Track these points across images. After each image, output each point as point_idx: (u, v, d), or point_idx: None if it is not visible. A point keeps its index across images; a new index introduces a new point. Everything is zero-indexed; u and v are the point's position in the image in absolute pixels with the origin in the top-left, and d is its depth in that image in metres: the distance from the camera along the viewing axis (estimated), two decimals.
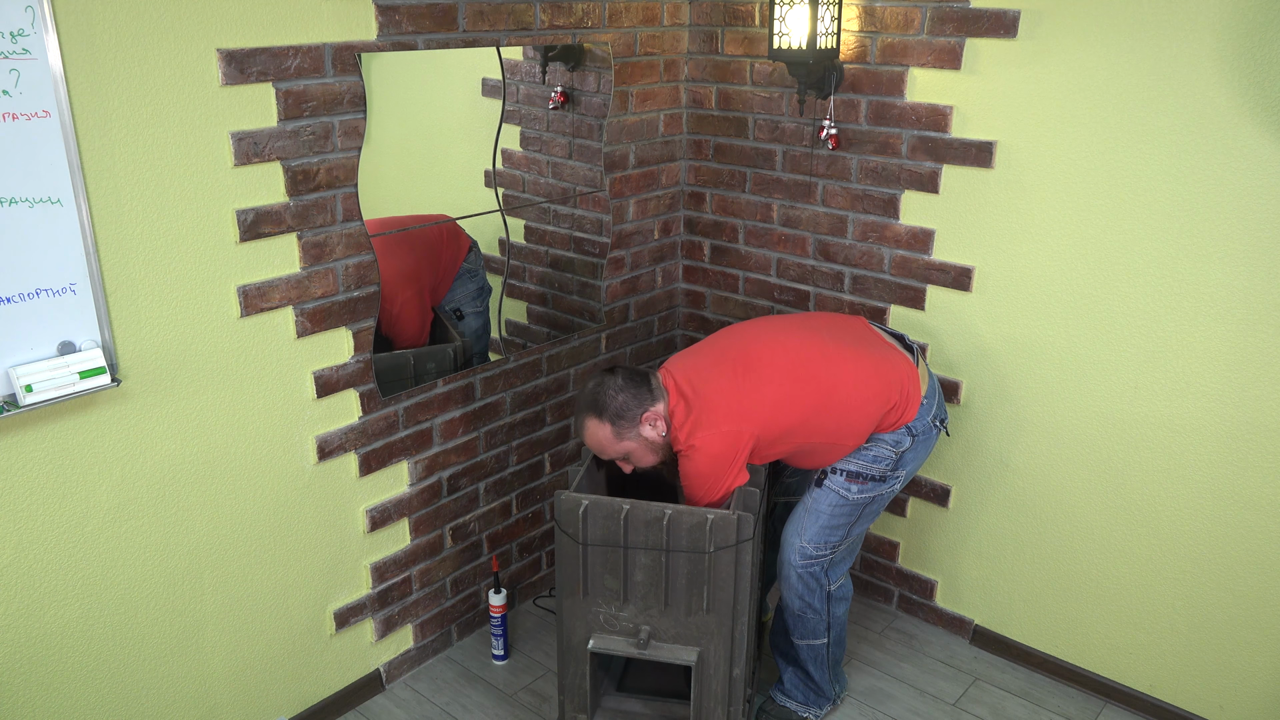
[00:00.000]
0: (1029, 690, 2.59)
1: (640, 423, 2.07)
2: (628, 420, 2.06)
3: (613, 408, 2.06)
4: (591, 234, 2.84)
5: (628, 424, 2.06)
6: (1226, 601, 2.30)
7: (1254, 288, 2.09)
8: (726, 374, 2.10)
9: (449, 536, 2.64)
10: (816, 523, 2.22)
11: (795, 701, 2.45)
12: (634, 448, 2.09)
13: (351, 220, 2.18)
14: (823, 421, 2.11)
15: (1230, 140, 2.04)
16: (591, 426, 2.08)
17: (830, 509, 2.21)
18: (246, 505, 2.16)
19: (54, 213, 1.71)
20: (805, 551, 2.23)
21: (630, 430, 2.07)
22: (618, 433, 2.07)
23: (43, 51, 1.63)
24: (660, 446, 2.11)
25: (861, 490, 2.20)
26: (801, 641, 2.35)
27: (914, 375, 2.20)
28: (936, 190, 2.48)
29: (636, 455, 2.11)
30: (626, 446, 2.09)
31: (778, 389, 2.08)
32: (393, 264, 2.34)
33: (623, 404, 2.06)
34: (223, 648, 2.21)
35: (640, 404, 2.07)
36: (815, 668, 2.39)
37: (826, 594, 2.30)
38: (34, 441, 1.80)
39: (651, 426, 2.08)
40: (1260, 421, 2.15)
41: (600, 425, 2.07)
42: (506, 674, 2.65)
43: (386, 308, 2.36)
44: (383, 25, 2.10)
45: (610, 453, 2.11)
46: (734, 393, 2.07)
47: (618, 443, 2.08)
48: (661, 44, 2.79)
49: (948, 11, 2.33)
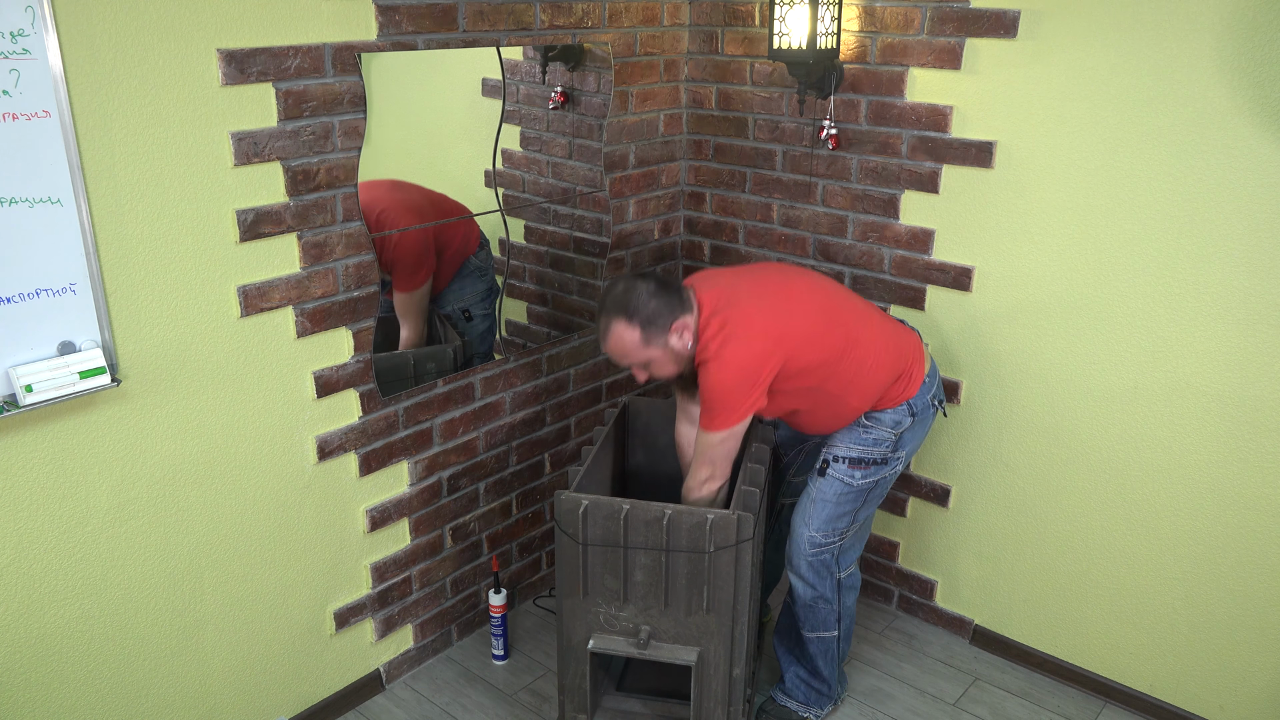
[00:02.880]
0: (1029, 690, 2.59)
1: (669, 331, 2.03)
2: (658, 327, 2.02)
3: (645, 312, 2.01)
4: (591, 234, 2.84)
5: (657, 331, 2.02)
6: (1226, 601, 2.30)
7: (1254, 288, 2.09)
8: (761, 297, 2.09)
9: (449, 536, 2.64)
10: (823, 511, 2.22)
11: (796, 701, 2.44)
12: (658, 356, 2.05)
13: (351, 220, 2.18)
14: (841, 369, 2.11)
15: (1230, 140, 2.04)
16: (619, 329, 2.02)
17: (836, 497, 2.21)
18: (246, 505, 2.16)
19: (54, 213, 1.71)
20: (814, 540, 2.24)
21: (658, 338, 2.03)
22: (646, 338, 2.02)
23: (43, 51, 1.63)
24: (684, 359, 2.08)
25: (865, 475, 2.20)
26: (812, 634, 2.35)
27: (921, 352, 2.24)
28: (936, 190, 2.48)
29: (657, 364, 2.07)
30: (650, 354, 2.05)
31: (809, 323, 2.09)
32: (398, 195, 2.33)
33: (655, 310, 2.02)
34: (223, 648, 2.21)
35: (671, 313, 2.03)
36: (825, 662, 2.39)
37: (837, 582, 2.31)
38: (34, 441, 1.80)
39: (679, 337, 2.04)
40: (1260, 421, 2.15)
41: (629, 329, 2.01)
42: (506, 674, 2.65)
43: (384, 242, 2.30)
44: (383, 25, 2.10)
45: (632, 359, 2.06)
46: (769, 314, 2.06)
47: (643, 349, 2.03)
48: (661, 44, 2.79)
49: (948, 11, 2.33)
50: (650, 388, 3.14)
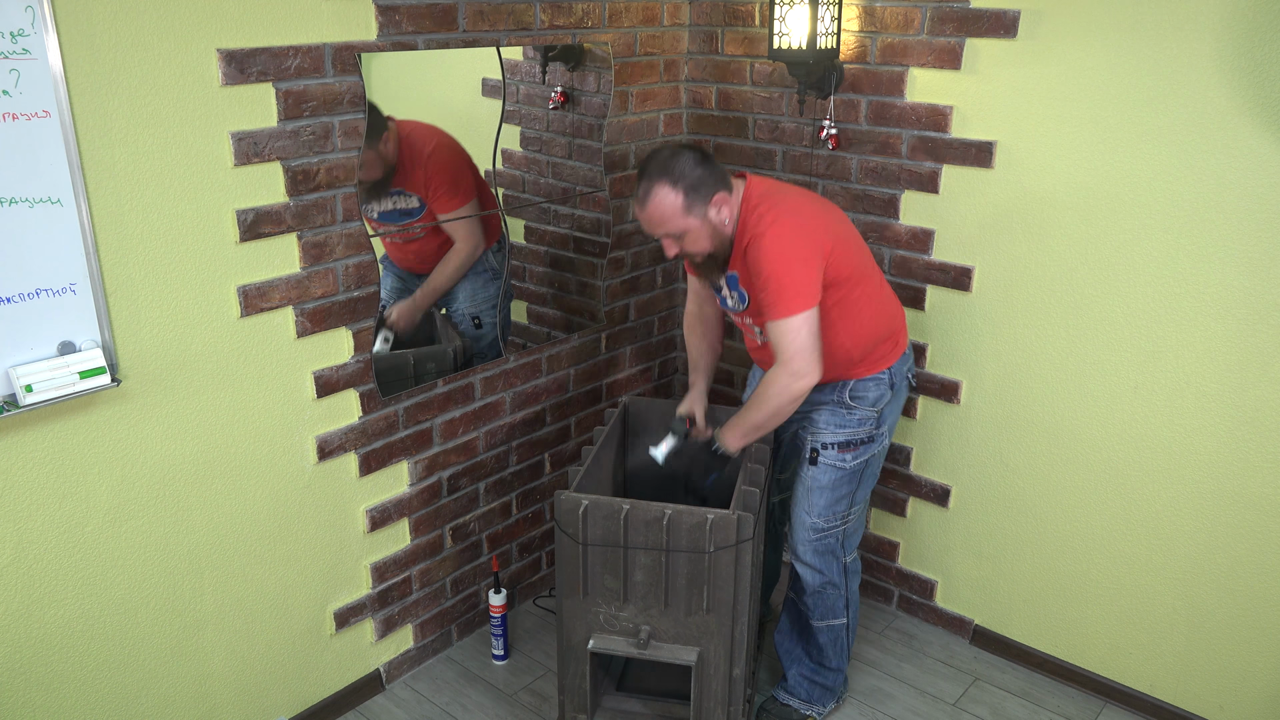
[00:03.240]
0: (1029, 690, 2.59)
1: (710, 203, 2.00)
2: (701, 195, 1.99)
3: (689, 179, 1.97)
4: (591, 234, 2.84)
5: (699, 199, 1.99)
6: (1226, 601, 2.30)
7: (1254, 288, 2.09)
8: (805, 198, 2.13)
9: (449, 536, 2.64)
10: (822, 498, 2.24)
11: (798, 699, 2.44)
12: (695, 226, 2.01)
13: (351, 220, 2.18)
14: (854, 296, 2.11)
15: (1230, 140, 2.04)
16: (661, 192, 1.98)
17: (831, 482, 2.23)
18: (246, 505, 2.16)
19: (54, 213, 1.71)
20: (818, 526, 2.26)
21: (699, 207, 1.99)
22: (688, 205, 1.98)
23: (43, 51, 1.63)
24: (719, 236, 2.05)
25: (855, 456, 2.22)
26: (821, 623, 2.36)
27: (905, 322, 2.30)
28: (936, 190, 2.48)
29: (692, 236, 2.02)
30: (689, 223, 2.01)
31: (845, 231, 2.13)
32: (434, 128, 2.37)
33: (699, 178, 1.98)
34: (223, 648, 2.21)
35: (715, 184, 2.01)
36: (834, 653, 2.40)
37: (843, 566, 2.33)
38: (34, 441, 1.80)
39: (718, 211, 2.02)
40: (1260, 421, 2.15)
41: (673, 193, 1.97)
42: (506, 674, 2.65)
43: (414, 158, 2.32)
44: (383, 25, 2.10)
45: (669, 226, 2.01)
46: (814, 210, 2.09)
47: (683, 216, 1.99)
48: (661, 44, 2.79)
49: (948, 11, 2.33)
50: (650, 387, 3.14)
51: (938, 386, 2.63)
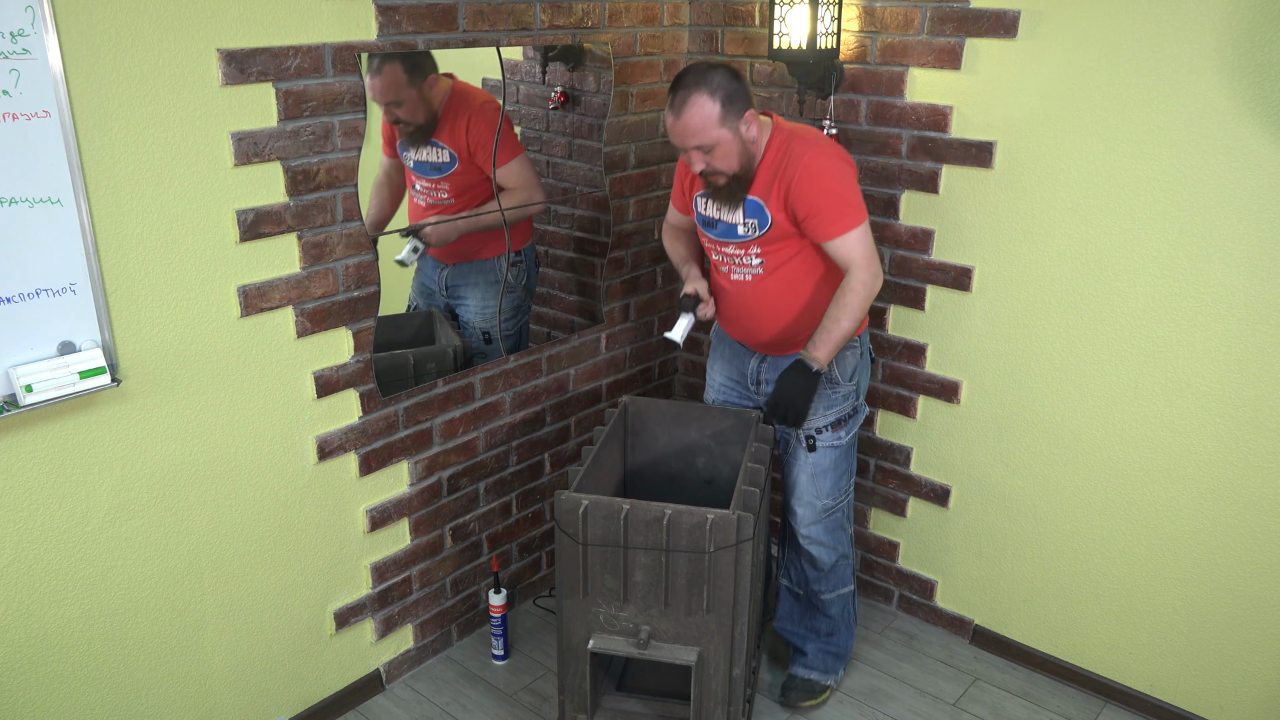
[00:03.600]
0: (1029, 690, 2.59)
1: (742, 118, 2.06)
2: (735, 109, 2.04)
3: (727, 89, 2.03)
4: (591, 234, 2.84)
5: (734, 112, 2.04)
6: (1226, 601, 2.30)
7: (1254, 288, 2.09)
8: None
9: (449, 536, 2.64)
10: (827, 480, 2.34)
11: (818, 671, 2.53)
12: (728, 139, 2.05)
13: (351, 220, 2.18)
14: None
15: (1230, 140, 2.04)
16: (700, 102, 2.02)
17: (833, 462, 2.33)
18: (246, 505, 2.16)
19: (54, 213, 1.71)
20: (828, 506, 2.36)
21: (732, 120, 2.04)
22: (724, 116, 2.03)
23: (43, 51, 1.63)
24: (747, 156, 2.10)
25: (848, 431, 2.33)
26: (833, 594, 2.47)
27: None
28: (936, 190, 2.48)
29: (723, 150, 2.06)
30: (723, 135, 2.05)
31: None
32: None
33: (735, 91, 2.04)
34: (223, 648, 2.21)
35: (747, 101, 2.07)
36: (845, 622, 2.52)
37: (850, 536, 2.47)
38: (34, 441, 1.80)
39: (748, 127, 2.07)
40: (1260, 421, 2.15)
41: (711, 102, 2.02)
42: (506, 674, 2.65)
43: (454, 126, 2.41)
44: (383, 25, 2.10)
45: (704, 137, 2.04)
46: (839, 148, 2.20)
47: (718, 127, 2.03)
48: (661, 44, 2.79)
49: (948, 11, 2.33)
50: (650, 387, 3.14)
51: (938, 386, 2.63)
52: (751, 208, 2.15)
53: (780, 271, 2.20)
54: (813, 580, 2.46)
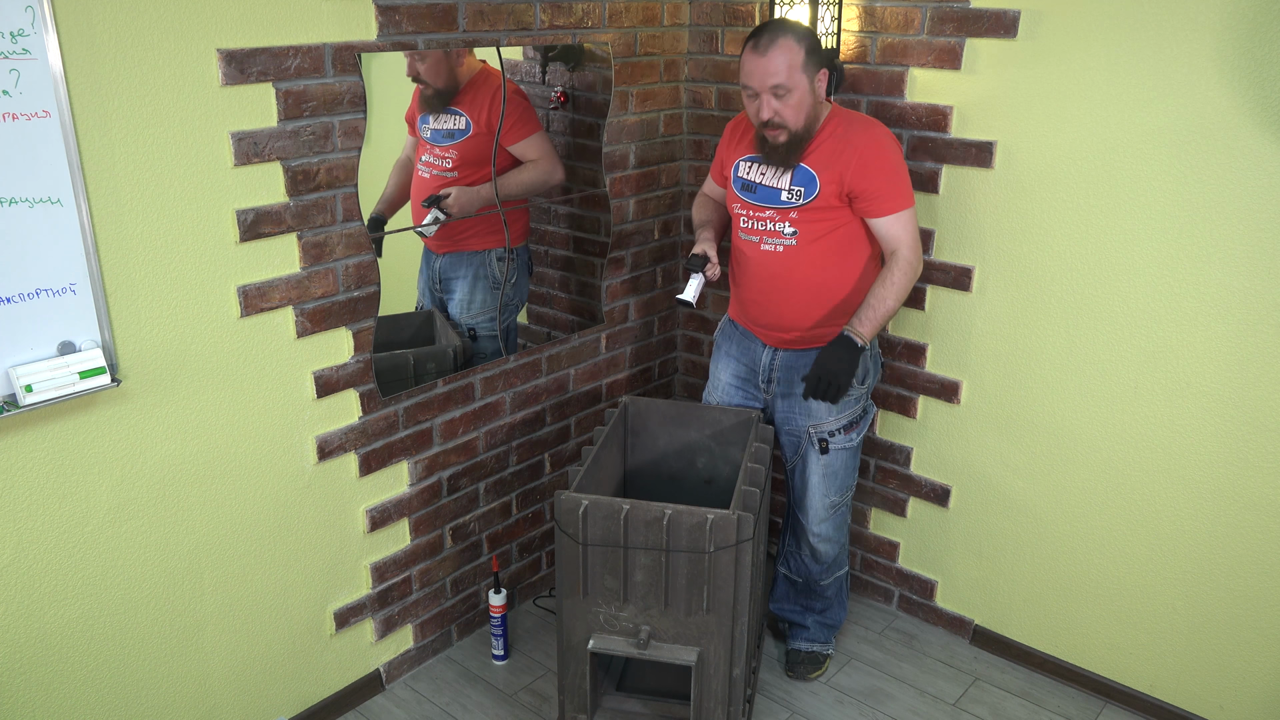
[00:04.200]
0: (1029, 690, 2.59)
1: (819, 73, 2.12)
2: (815, 60, 2.10)
3: (811, 42, 2.10)
4: (591, 234, 2.84)
5: (814, 64, 2.10)
6: (1226, 601, 2.30)
7: (1254, 288, 2.09)
8: None
9: (449, 536, 2.64)
10: (838, 479, 2.41)
11: (819, 643, 2.64)
12: (804, 88, 2.10)
13: (351, 220, 2.18)
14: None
15: (1230, 140, 2.04)
16: (788, 44, 2.06)
17: (844, 464, 2.41)
18: (246, 505, 2.16)
19: (54, 213, 1.71)
20: (837, 504, 2.45)
21: (811, 70, 2.10)
22: (806, 64, 2.08)
23: (43, 51, 1.63)
24: (812, 115, 2.15)
25: (859, 432, 2.41)
26: (831, 578, 2.57)
27: None
28: (936, 190, 2.48)
29: (798, 98, 2.10)
30: (800, 81, 2.09)
31: None
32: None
33: (816, 45, 2.11)
34: (223, 648, 2.21)
35: (822, 60, 2.13)
36: (838, 596, 2.63)
37: (848, 526, 2.58)
38: (34, 441, 1.80)
39: (821, 84, 2.14)
40: (1260, 421, 2.15)
41: (796, 48, 2.07)
42: (506, 674, 2.65)
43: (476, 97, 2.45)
44: (383, 25, 2.10)
45: (783, 78, 2.07)
46: None
47: (799, 71, 2.08)
48: (661, 44, 2.79)
49: (948, 11, 2.33)
50: (650, 387, 3.14)
51: (938, 386, 2.63)
52: (801, 175, 2.20)
53: (812, 247, 2.23)
54: (815, 572, 2.55)
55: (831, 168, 2.16)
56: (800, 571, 2.57)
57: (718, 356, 2.52)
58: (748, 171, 2.28)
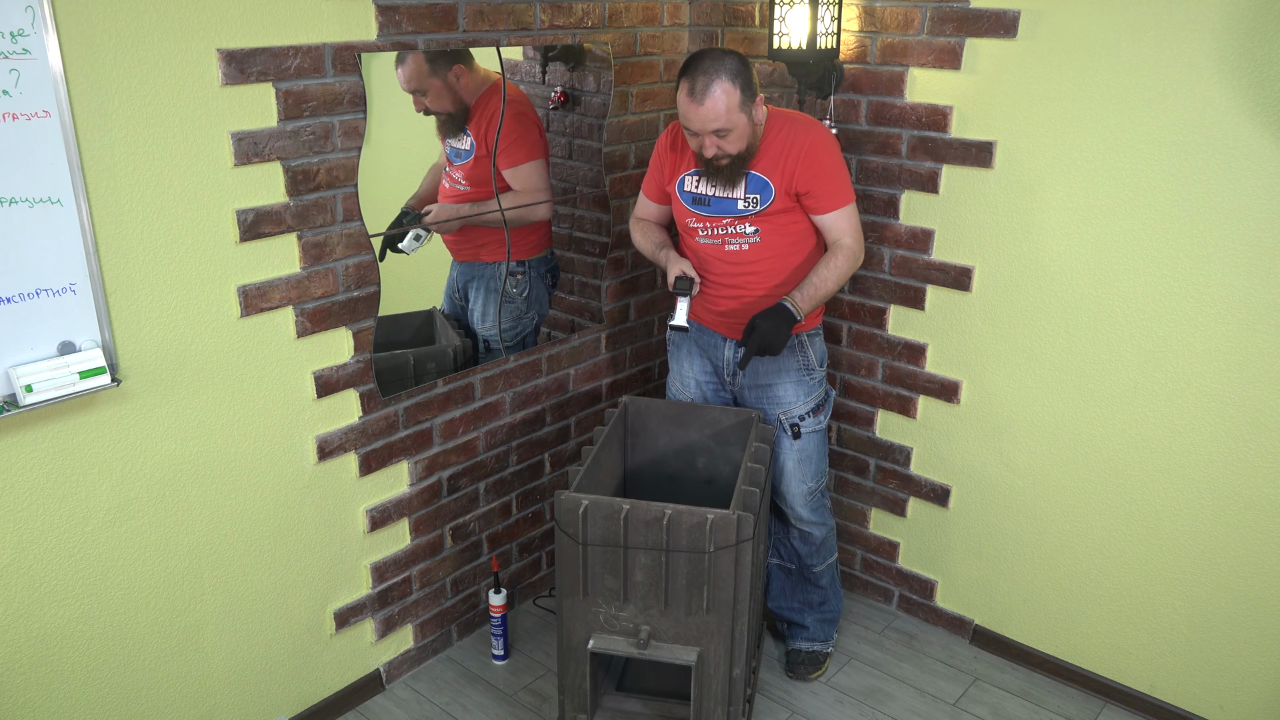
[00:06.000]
0: (1029, 690, 2.59)
1: (755, 103, 2.15)
2: (750, 93, 2.12)
3: (744, 78, 2.12)
4: (591, 234, 2.84)
5: (749, 97, 2.12)
6: (1226, 601, 2.30)
7: (1254, 288, 2.09)
8: None
9: (449, 536, 2.64)
10: (812, 463, 2.45)
11: (819, 641, 2.65)
12: (743, 123, 2.13)
13: (351, 220, 2.18)
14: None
15: (1230, 141, 2.04)
16: (724, 87, 2.08)
17: (816, 447, 2.45)
18: (246, 505, 2.16)
19: (54, 213, 1.71)
20: (814, 489, 2.48)
21: (749, 105, 2.13)
22: (743, 102, 2.11)
23: (43, 51, 1.63)
24: (753, 137, 2.18)
25: (826, 414, 2.46)
26: (823, 565, 2.59)
27: None
28: (936, 190, 2.48)
29: (737, 133, 2.13)
30: (739, 119, 2.12)
31: None
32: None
33: (749, 78, 2.13)
34: (223, 648, 2.21)
35: (756, 86, 2.16)
36: (833, 588, 2.65)
37: (830, 509, 2.59)
38: (34, 441, 1.80)
39: (758, 111, 2.16)
40: (1260, 421, 2.15)
41: (733, 90, 2.09)
42: (506, 674, 2.65)
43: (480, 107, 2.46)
44: (383, 25, 2.10)
45: (723, 121, 2.10)
46: None
47: (737, 112, 2.11)
48: (661, 44, 2.79)
49: (948, 11, 2.33)
50: (650, 387, 3.14)
51: (938, 386, 2.63)
52: (755, 183, 2.22)
53: (777, 238, 2.27)
54: (805, 555, 2.57)
55: (779, 169, 2.21)
56: (791, 557, 2.59)
57: (678, 356, 2.55)
58: (695, 185, 2.30)
